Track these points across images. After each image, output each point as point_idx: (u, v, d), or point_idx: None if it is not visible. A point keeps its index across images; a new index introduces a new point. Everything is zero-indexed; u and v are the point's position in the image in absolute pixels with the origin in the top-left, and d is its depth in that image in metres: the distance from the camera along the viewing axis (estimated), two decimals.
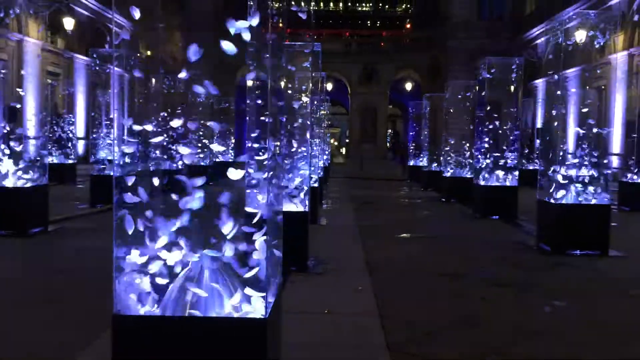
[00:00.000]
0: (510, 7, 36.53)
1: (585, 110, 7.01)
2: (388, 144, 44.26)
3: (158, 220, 2.33)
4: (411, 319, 4.32)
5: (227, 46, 2.30)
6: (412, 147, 21.35)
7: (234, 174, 2.31)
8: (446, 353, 3.62)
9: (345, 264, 6.08)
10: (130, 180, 2.29)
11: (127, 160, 2.38)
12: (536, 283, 5.58)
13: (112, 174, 2.34)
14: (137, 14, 2.31)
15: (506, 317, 4.47)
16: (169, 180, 2.34)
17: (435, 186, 15.57)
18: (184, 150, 2.32)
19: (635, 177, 11.98)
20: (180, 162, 2.36)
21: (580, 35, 7.26)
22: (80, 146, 18.05)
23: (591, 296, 5.14)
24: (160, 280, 2.34)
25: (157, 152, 2.37)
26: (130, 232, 2.27)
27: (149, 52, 2.59)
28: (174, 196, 2.32)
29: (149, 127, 2.41)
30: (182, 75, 2.32)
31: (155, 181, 2.34)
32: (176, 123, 2.39)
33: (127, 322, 2.26)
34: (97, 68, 11.75)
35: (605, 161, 6.96)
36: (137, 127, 2.38)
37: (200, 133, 17.19)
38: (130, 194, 2.28)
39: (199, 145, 16.85)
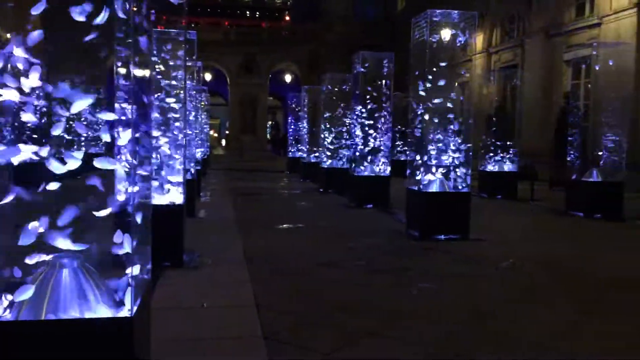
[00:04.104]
0: (384, 4, 38.13)
1: (448, 104, 7.50)
2: (268, 136, 44.36)
3: (9, 214, 2.13)
4: (289, 308, 4.38)
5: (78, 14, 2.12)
6: (291, 139, 21.56)
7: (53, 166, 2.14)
8: (320, 338, 3.71)
9: (223, 257, 6.01)
10: None
11: None
12: (408, 267, 5.90)
13: None
14: None
15: (382, 301, 4.67)
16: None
17: (314, 177, 15.87)
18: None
19: (491, 166, 13.09)
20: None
21: (444, 33, 7.74)
22: None
23: (456, 276, 5.55)
24: (13, 281, 2.15)
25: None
26: None
27: None
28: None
29: None
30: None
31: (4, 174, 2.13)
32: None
33: None
34: None
35: (466, 150, 7.52)
36: None
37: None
38: None
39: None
